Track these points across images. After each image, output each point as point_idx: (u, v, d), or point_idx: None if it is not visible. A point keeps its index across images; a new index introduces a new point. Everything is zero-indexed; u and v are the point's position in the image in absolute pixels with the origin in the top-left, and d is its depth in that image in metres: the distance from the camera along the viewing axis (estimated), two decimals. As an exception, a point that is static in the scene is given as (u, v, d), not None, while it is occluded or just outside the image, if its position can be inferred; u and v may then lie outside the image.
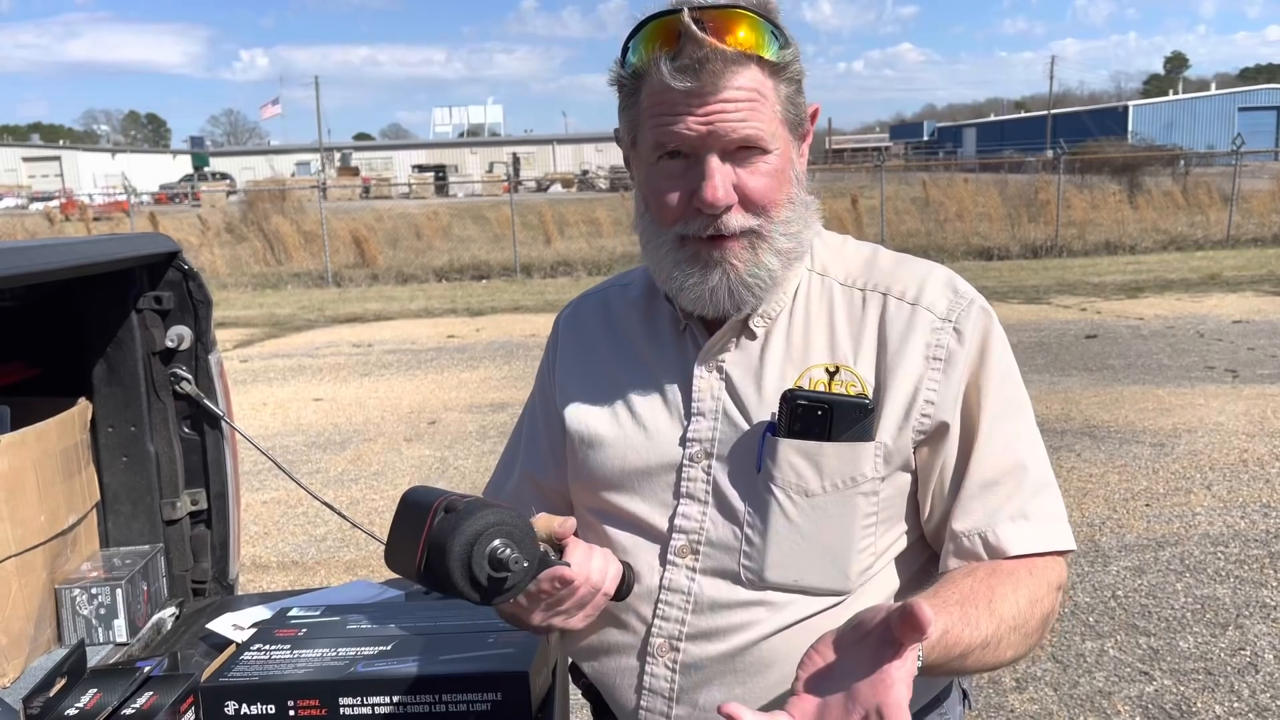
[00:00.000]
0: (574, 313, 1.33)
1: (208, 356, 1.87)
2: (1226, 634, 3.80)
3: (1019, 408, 1.15)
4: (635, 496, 1.17)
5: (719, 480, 1.13)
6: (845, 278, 1.18)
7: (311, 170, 54.23)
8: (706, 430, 1.14)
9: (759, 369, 1.14)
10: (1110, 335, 9.81)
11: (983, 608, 0.99)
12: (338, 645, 1.45)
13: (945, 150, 64.06)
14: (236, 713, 1.35)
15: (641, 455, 1.17)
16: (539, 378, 1.34)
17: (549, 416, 1.28)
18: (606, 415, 1.20)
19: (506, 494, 1.30)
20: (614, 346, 1.24)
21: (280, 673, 1.38)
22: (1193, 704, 3.33)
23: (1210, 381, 7.69)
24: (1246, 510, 5.04)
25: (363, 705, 1.35)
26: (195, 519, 1.94)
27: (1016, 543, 1.08)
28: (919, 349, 1.12)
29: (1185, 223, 18.68)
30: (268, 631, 1.52)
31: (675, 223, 1.09)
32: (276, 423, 7.70)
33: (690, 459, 1.14)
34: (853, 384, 1.12)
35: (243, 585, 4.73)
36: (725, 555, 1.13)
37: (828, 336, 1.14)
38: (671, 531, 1.15)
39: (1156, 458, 5.90)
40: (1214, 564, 4.44)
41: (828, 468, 1.09)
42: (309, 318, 13.48)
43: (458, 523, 0.89)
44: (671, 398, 1.17)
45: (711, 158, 1.04)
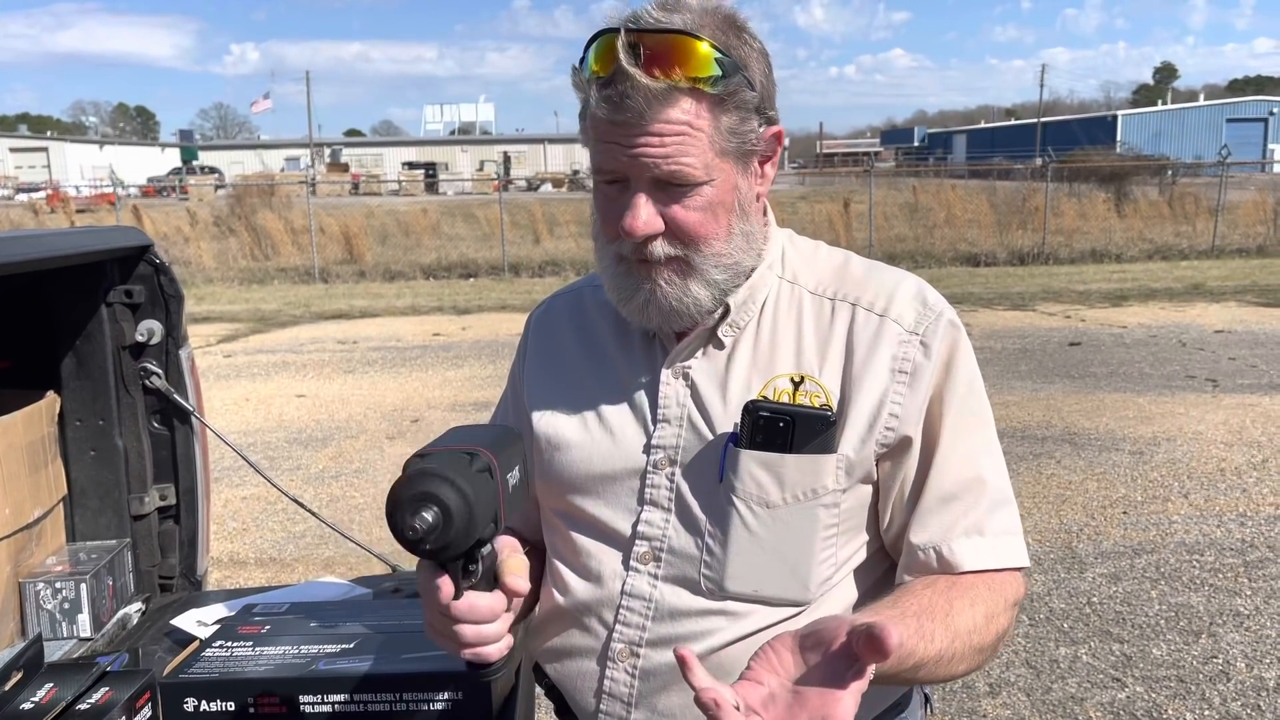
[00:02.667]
0: (545, 312, 1.32)
1: (178, 351, 1.87)
2: (1199, 642, 3.83)
3: (981, 422, 1.15)
4: (599, 501, 1.17)
5: (682, 488, 1.13)
6: (815, 286, 1.18)
7: (301, 166, 54.07)
8: (671, 438, 1.14)
9: (724, 378, 1.14)
10: (1094, 343, 9.86)
11: (939, 621, 1.00)
12: (300, 643, 1.44)
13: (936, 156, 64.26)
14: (196, 709, 1.34)
15: (606, 460, 1.16)
16: (511, 377, 1.34)
17: (519, 416, 1.28)
18: (573, 418, 1.20)
19: None
20: (583, 348, 1.24)
21: (241, 670, 1.37)
22: (1164, 711, 3.35)
23: (1191, 390, 7.74)
24: (1223, 519, 5.08)
25: (323, 703, 1.34)
26: (164, 514, 1.93)
27: (971, 559, 1.09)
28: (885, 361, 1.12)
29: (1171, 232, 18.79)
30: (231, 628, 1.52)
31: (613, 240, 1.10)
32: (259, 418, 7.68)
33: (654, 465, 1.14)
34: (817, 395, 1.11)
35: (219, 582, 4.73)
36: (686, 564, 1.13)
37: (795, 346, 1.14)
38: (635, 538, 1.14)
39: (1135, 465, 5.94)
40: (1189, 572, 4.46)
41: (789, 479, 1.09)
42: (295, 313, 13.43)
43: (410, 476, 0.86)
44: (638, 403, 1.17)
45: (639, 189, 1.05)
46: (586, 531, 1.18)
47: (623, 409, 1.17)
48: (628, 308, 1.13)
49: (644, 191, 1.04)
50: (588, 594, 1.18)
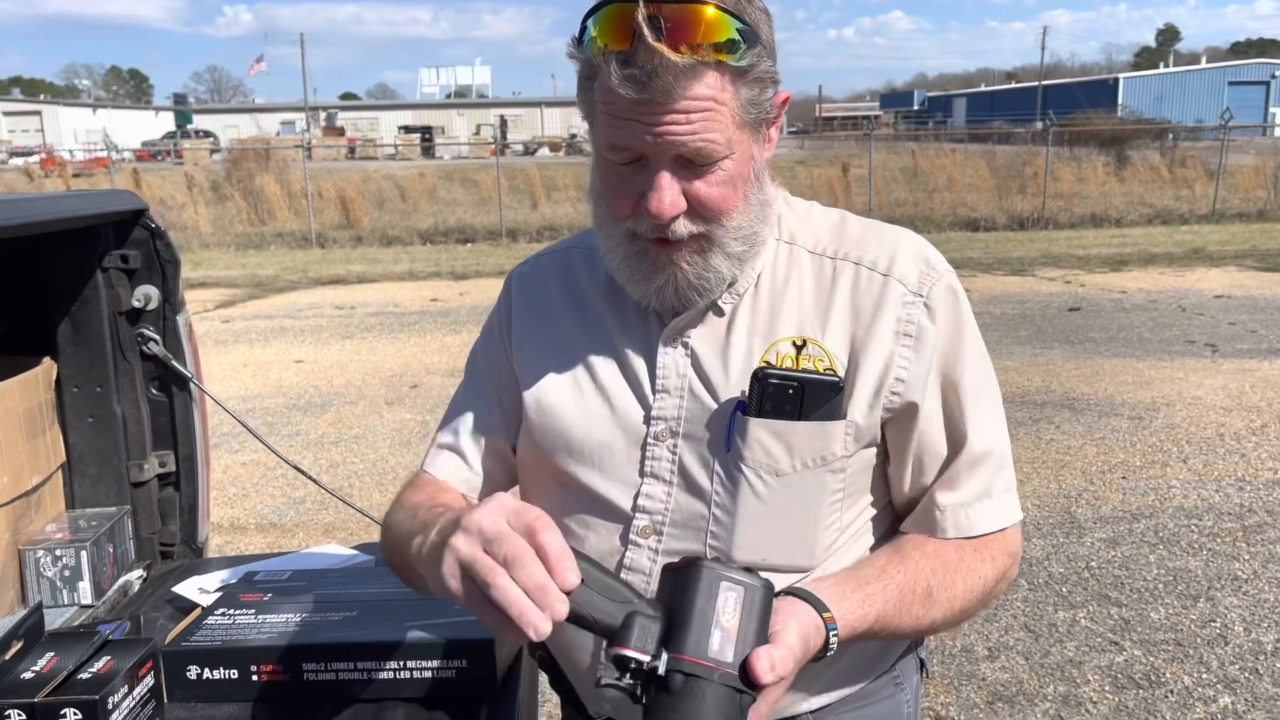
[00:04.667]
0: (531, 272, 1.27)
1: (176, 317, 1.84)
2: (1197, 606, 3.84)
3: (990, 383, 1.15)
4: (595, 471, 1.14)
5: (685, 460, 1.10)
6: (814, 245, 1.15)
7: (296, 130, 53.65)
8: (672, 408, 1.11)
9: (725, 345, 1.11)
10: (1093, 308, 9.84)
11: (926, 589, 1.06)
12: (302, 610, 1.44)
13: (935, 120, 63.84)
14: (199, 677, 1.34)
15: (604, 429, 1.13)
16: (486, 339, 1.27)
17: (501, 379, 1.23)
18: (567, 384, 1.16)
19: (482, 467, 1.22)
20: (575, 313, 1.19)
21: (243, 637, 1.37)
22: (1162, 674, 3.37)
23: (1190, 355, 7.73)
24: (1221, 484, 5.09)
25: (326, 671, 1.34)
26: (163, 481, 1.92)
27: (982, 523, 1.12)
28: (889, 324, 1.10)
29: (1171, 196, 18.70)
30: (233, 595, 1.51)
31: (626, 219, 1.05)
32: (257, 384, 7.66)
33: (655, 437, 1.11)
34: (820, 359, 1.09)
35: (220, 548, 4.74)
36: (690, 535, 1.11)
37: (796, 308, 1.12)
38: (635, 511, 1.12)
39: (1134, 431, 5.94)
40: (1187, 537, 4.48)
41: (798, 447, 1.07)
42: (292, 279, 13.38)
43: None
44: (635, 372, 1.13)
45: (661, 169, 1.00)
46: (582, 501, 1.15)
47: (619, 378, 1.14)
48: (642, 289, 1.08)
49: (666, 170, 1.00)
50: None
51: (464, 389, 1.27)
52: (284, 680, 1.34)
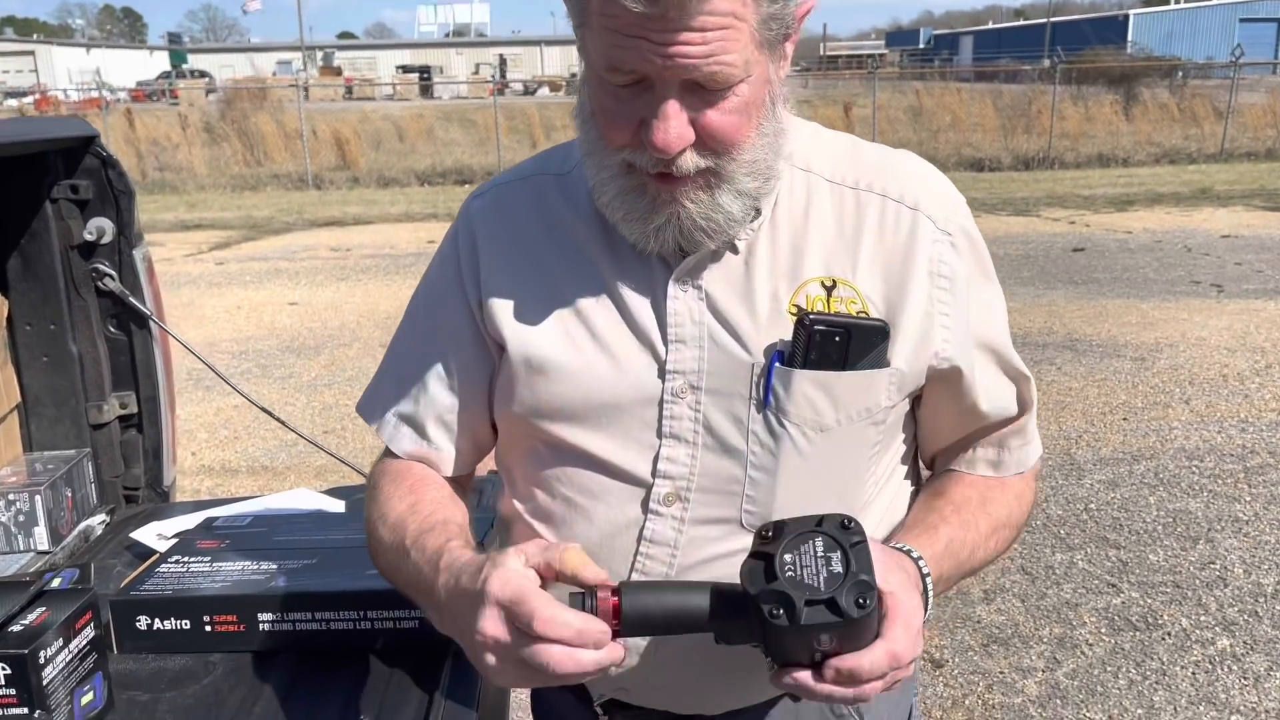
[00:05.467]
0: (496, 205, 1.10)
1: (132, 251, 1.76)
2: (1197, 548, 3.80)
3: (1005, 316, 1.10)
4: (602, 435, 1.00)
5: (711, 417, 0.98)
6: (832, 174, 1.03)
7: (293, 69, 52.89)
8: (690, 360, 0.98)
9: (747, 286, 0.98)
10: (1098, 248, 9.71)
11: (977, 511, 1.05)
12: (260, 558, 1.37)
13: (941, 58, 62.85)
14: (149, 628, 1.28)
15: (609, 388, 0.99)
16: (439, 289, 1.10)
17: (464, 336, 1.07)
18: (559, 337, 1.01)
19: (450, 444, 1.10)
20: (559, 252, 1.04)
21: (196, 586, 1.30)
22: (1159, 616, 3.33)
23: (1195, 296, 7.63)
24: (1224, 425, 5.02)
25: (283, 621, 1.27)
26: (125, 423, 1.84)
27: (1014, 465, 1.11)
28: (923, 264, 1.00)
29: (1179, 135, 18.42)
30: (189, 542, 1.44)
31: (622, 148, 0.92)
32: (250, 326, 7.58)
33: (673, 394, 0.98)
34: (853, 301, 0.98)
35: (211, 490, 4.70)
36: (722, 500, 1.00)
37: (820, 245, 1.00)
38: (655, 476, 0.99)
39: (1137, 372, 5.86)
40: (1188, 478, 4.42)
41: (844, 399, 0.98)
42: (287, 220, 13.23)
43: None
44: (641, 321, 0.99)
45: (668, 95, 0.87)
46: (587, 470, 1.02)
47: (621, 328, 1.00)
48: (638, 229, 0.95)
49: (674, 97, 0.87)
50: (593, 542, 1.02)
51: (413, 349, 1.11)
52: (238, 631, 1.28)
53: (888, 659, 0.82)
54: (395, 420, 1.11)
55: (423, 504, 1.03)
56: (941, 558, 0.99)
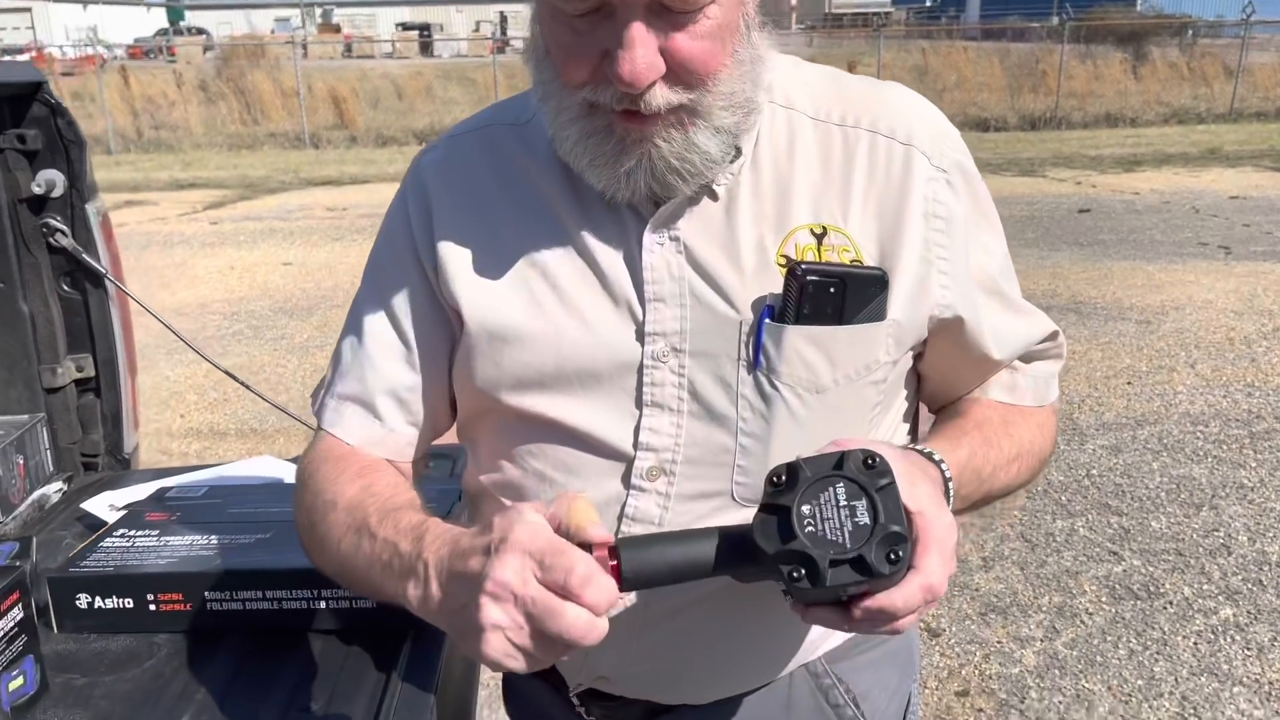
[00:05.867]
0: (448, 159, 1.00)
1: (85, 206, 1.66)
2: (1200, 515, 3.73)
3: (1007, 255, 1.02)
4: (576, 404, 0.91)
5: (697, 382, 0.90)
6: (815, 110, 0.93)
7: (291, 27, 52.29)
8: (671, 319, 0.89)
9: (729, 236, 0.89)
10: (1104, 210, 9.57)
11: (1000, 431, 0.97)
12: (211, 532, 1.29)
13: (948, 16, 62.03)
14: (90, 606, 1.20)
15: (582, 354, 0.90)
16: (389, 254, 1.00)
17: (418, 304, 0.97)
18: (523, 300, 0.92)
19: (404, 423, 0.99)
20: (519, 207, 0.94)
21: (140, 562, 1.22)
22: (1161, 585, 3.27)
23: (1202, 258, 7.51)
24: (1229, 389, 4.93)
25: (232, 600, 1.19)
26: (82, 387, 1.76)
27: (1032, 393, 1.03)
28: (918, 204, 0.91)
29: (1189, 95, 18.16)
30: (137, 515, 1.36)
31: (583, 86, 0.82)
32: (243, 287, 7.49)
33: (654, 358, 0.90)
34: (845, 248, 0.89)
35: (199, 453, 4.63)
36: (711, 472, 0.91)
37: (808, 188, 0.91)
38: (637, 449, 0.91)
39: (1141, 335, 5.77)
40: (1192, 443, 4.34)
41: (841, 356, 0.89)
42: (283, 179, 13.09)
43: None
44: (613, 279, 0.90)
45: (632, 19, 0.77)
46: (561, 444, 0.93)
47: (592, 287, 0.91)
48: (606, 175, 0.85)
49: (639, 20, 0.77)
50: None
51: (362, 321, 0.99)
52: (184, 610, 1.20)
53: (922, 594, 0.74)
54: (337, 403, 0.99)
55: (378, 486, 0.92)
56: (963, 470, 0.90)
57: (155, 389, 5.39)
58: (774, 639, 1.00)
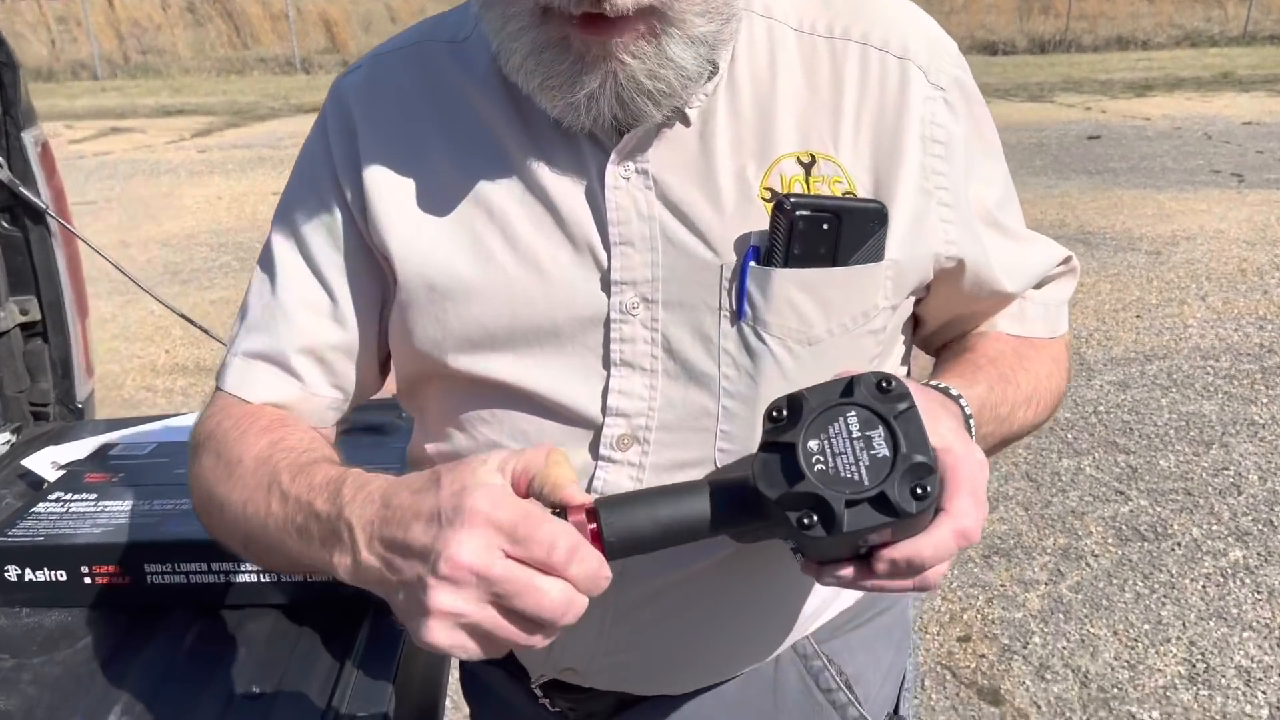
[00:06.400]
0: (370, 81, 0.86)
1: (21, 135, 1.52)
2: (1210, 453, 3.63)
3: (1009, 180, 0.92)
4: (534, 366, 0.80)
5: (672, 337, 0.79)
6: (799, 20, 0.81)
7: (282, -53, 50.97)
8: (641, 266, 0.78)
9: (705, 167, 0.78)
10: (1114, 136, 9.33)
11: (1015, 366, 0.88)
12: (154, 496, 1.18)
13: (955, -65, 60.41)
14: (20, 579, 1.10)
15: (539, 308, 0.79)
16: (306, 191, 0.86)
17: (344, 249, 0.84)
18: (467, 247, 0.79)
19: (323, 382, 0.87)
20: (458, 137, 0.81)
21: (73, 531, 1.12)
22: (1169, 525, 3.18)
23: (1214, 186, 7.32)
24: (1241, 323, 4.81)
25: (174, 573, 1.09)
26: (29, 332, 1.64)
27: (1042, 323, 0.93)
28: (914, 126, 0.79)
29: (1202, 17, 17.70)
30: (76, 476, 1.25)
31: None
32: (231, 218, 7.31)
33: (622, 310, 0.78)
34: (836, 179, 0.78)
35: (184, 390, 4.52)
36: (691, 439, 0.80)
37: (792, 110, 0.78)
38: (606, 414, 0.80)
39: (1151, 266, 5.63)
40: (1203, 379, 4.23)
41: (835, 302, 0.78)
42: (273, 106, 12.79)
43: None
44: (572, 220, 0.78)
45: None
46: (515, 411, 0.82)
47: (548, 230, 0.79)
48: (563, 98, 0.73)
49: None
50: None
51: (275, 269, 0.87)
52: (123, 584, 1.10)
53: (955, 539, 0.64)
54: (244, 362, 0.86)
55: (290, 440, 0.79)
56: (982, 407, 0.80)
57: (140, 323, 5.27)
58: (763, 621, 0.90)
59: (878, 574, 0.64)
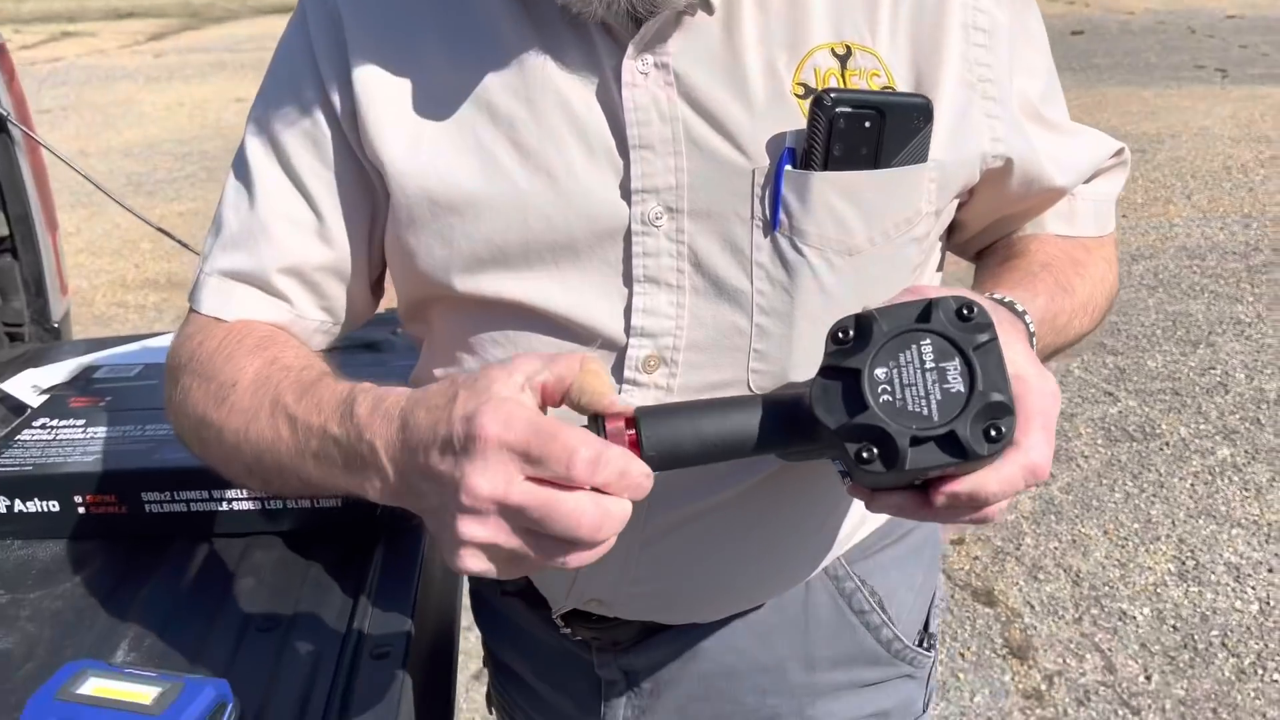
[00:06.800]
0: None
1: (-26, 35, 1.40)
2: (1197, 352, 3.64)
3: (1054, 67, 0.86)
4: (550, 285, 0.74)
5: (699, 250, 0.72)
6: None
7: None
8: (664, 172, 0.71)
9: (732, 60, 0.70)
10: (1097, 31, 9.19)
11: (1069, 272, 0.82)
12: (146, 421, 1.11)
13: None
14: (9, 510, 1.04)
15: (554, 222, 0.72)
16: (288, 95, 0.78)
17: (330, 158, 0.77)
18: (471, 156, 0.72)
19: (311, 305, 0.81)
20: (450, 29, 0.73)
21: (63, 459, 1.05)
22: (1157, 425, 3.20)
23: (1199, 82, 7.24)
24: (1227, 221, 4.79)
25: (174, 501, 1.04)
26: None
27: (1092, 220, 0.88)
28: (956, 14, 0.73)
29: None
30: (60, 400, 1.19)
31: None
32: (194, 126, 7.09)
33: (644, 221, 0.72)
34: (874, 72, 0.71)
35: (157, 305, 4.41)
36: (721, 359, 0.75)
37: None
38: (630, 334, 0.74)
39: (1137, 165, 5.58)
40: (1189, 278, 4.23)
41: (877, 208, 0.71)
42: (230, 7, 12.33)
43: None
44: (586, 122, 0.71)
45: None
46: (535, 332, 0.76)
47: (559, 135, 0.71)
48: None
49: None
50: None
51: (253, 181, 0.78)
52: (119, 513, 1.04)
53: (1023, 475, 0.59)
54: (222, 282, 0.79)
55: (288, 358, 0.73)
56: (1042, 322, 0.75)
57: (107, 237, 5.12)
58: (799, 546, 0.86)
59: (935, 506, 0.59)
